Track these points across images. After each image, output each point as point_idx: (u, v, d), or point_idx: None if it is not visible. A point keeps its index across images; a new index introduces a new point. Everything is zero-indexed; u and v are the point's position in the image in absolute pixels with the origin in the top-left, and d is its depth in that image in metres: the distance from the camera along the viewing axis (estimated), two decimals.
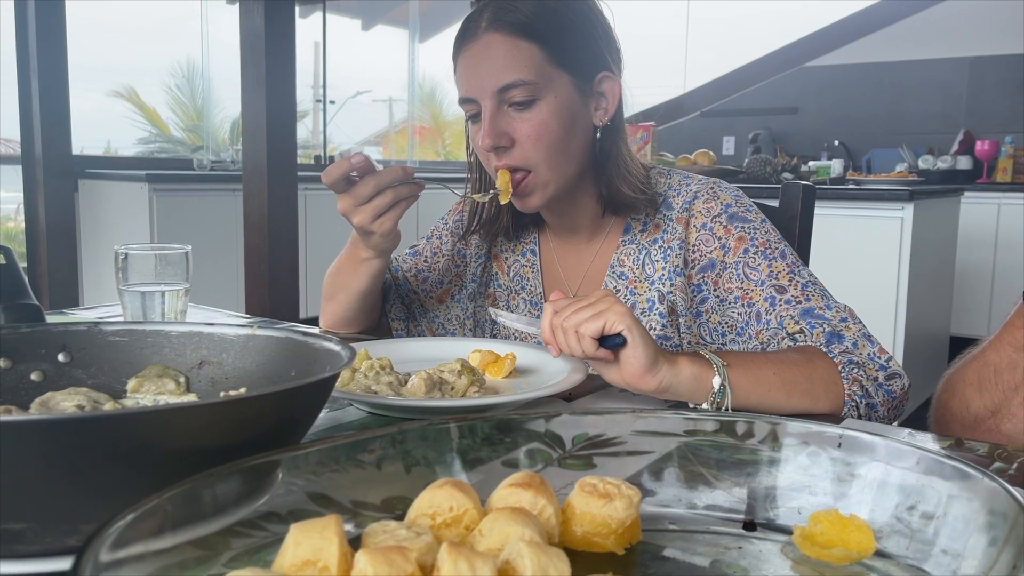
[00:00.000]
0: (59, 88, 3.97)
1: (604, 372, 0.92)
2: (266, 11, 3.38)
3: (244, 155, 3.58)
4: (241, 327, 0.77)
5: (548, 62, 1.10)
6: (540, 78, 1.10)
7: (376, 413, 0.90)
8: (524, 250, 1.32)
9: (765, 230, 1.15)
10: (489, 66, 1.10)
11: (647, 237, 1.20)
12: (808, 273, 1.12)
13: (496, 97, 1.10)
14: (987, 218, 4.86)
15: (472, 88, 1.12)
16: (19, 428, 0.47)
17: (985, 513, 0.47)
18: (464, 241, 1.37)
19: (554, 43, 1.11)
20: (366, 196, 1.11)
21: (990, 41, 5.48)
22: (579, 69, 1.13)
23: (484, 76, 1.10)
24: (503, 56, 1.09)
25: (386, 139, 7.70)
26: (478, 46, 1.11)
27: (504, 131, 1.11)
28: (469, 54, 1.12)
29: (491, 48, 1.10)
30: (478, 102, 1.12)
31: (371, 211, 1.12)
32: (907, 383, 1.03)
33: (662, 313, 1.17)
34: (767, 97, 6.33)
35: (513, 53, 1.09)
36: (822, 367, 0.99)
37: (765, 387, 0.94)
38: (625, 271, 1.21)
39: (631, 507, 0.52)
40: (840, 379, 0.98)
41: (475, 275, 1.36)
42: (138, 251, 1.13)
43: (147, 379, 0.74)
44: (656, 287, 1.18)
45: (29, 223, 4.11)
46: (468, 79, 1.13)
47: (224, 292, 4.10)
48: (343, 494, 0.52)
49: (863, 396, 0.98)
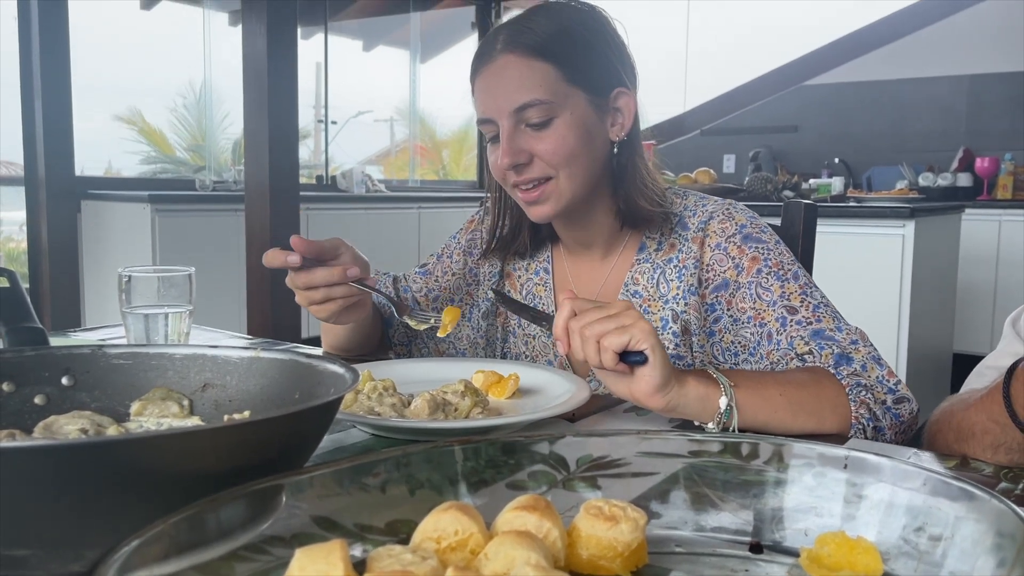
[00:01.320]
0: (62, 109, 3.99)
1: (612, 383, 0.91)
2: (268, 33, 3.41)
3: (246, 175, 3.60)
4: (245, 349, 0.77)
5: (563, 80, 1.12)
6: (556, 96, 1.11)
7: (379, 435, 0.90)
8: (537, 268, 1.33)
9: (779, 251, 1.16)
10: (505, 87, 1.12)
11: (662, 256, 1.21)
12: (820, 295, 1.12)
13: (513, 117, 1.12)
14: (988, 235, 4.86)
15: (489, 109, 1.14)
16: (23, 454, 0.47)
17: (993, 534, 0.46)
18: (477, 259, 1.38)
19: (568, 62, 1.12)
20: (301, 286, 1.15)
21: (989, 59, 5.50)
22: (594, 86, 1.15)
23: (500, 97, 1.12)
24: (518, 77, 1.11)
25: (387, 159, 7.72)
26: (494, 67, 1.13)
27: (522, 148, 1.12)
28: (485, 75, 1.14)
29: (507, 69, 1.12)
30: (496, 123, 1.13)
31: (305, 300, 1.16)
32: (915, 407, 1.02)
33: (675, 332, 1.18)
34: (767, 115, 6.35)
35: (528, 73, 1.11)
36: (829, 388, 0.98)
37: (771, 407, 0.94)
38: (639, 289, 1.22)
39: (637, 530, 0.52)
40: (847, 401, 0.98)
41: (488, 293, 1.36)
42: (141, 274, 1.13)
43: (151, 402, 0.74)
44: (670, 306, 1.19)
45: (32, 244, 4.12)
46: (485, 100, 1.14)
47: (226, 312, 4.10)
48: (347, 518, 0.52)
49: (870, 419, 0.97)
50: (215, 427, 0.53)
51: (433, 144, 8.02)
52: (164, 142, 6.41)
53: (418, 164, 7.09)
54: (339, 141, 6.25)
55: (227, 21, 5.63)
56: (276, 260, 1.13)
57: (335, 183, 5.58)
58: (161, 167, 6.49)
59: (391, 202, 5.41)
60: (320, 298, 1.15)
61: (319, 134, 6.19)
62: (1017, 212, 4.88)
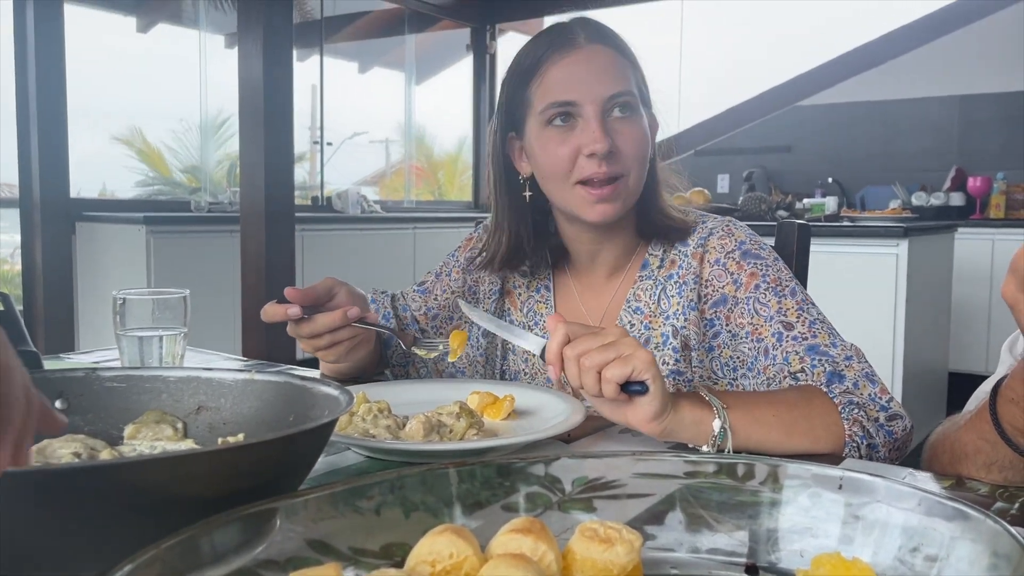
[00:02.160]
0: (58, 132, 3.99)
1: (607, 411, 0.91)
2: (265, 55, 3.42)
3: (242, 197, 3.60)
4: (239, 372, 0.77)
5: (636, 85, 1.17)
6: (636, 96, 1.16)
7: (374, 457, 0.90)
8: (538, 286, 1.33)
9: (777, 268, 1.17)
10: (598, 74, 1.14)
11: (663, 272, 1.22)
12: (817, 311, 1.13)
13: (604, 104, 1.13)
14: (981, 254, 4.88)
15: (576, 92, 1.14)
16: (15, 479, 0.47)
17: (989, 555, 0.46)
18: (475, 278, 1.37)
19: (637, 70, 1.19)
20: (304, 336, 1.17)
21: (981, 79, 5.55)
22: (645, 99, 1.21)
23: (593, 83, 1.13)
24: (611, 68, 1.15)
25: (382, 180, 7.74)
26: (583, 54, 1.15)
27: (610, 137, 1.13)
28: (571, 61, 1.15)
29: (598, 58, 1.15)
30: (578, 107, 1.13)
31: (311, 348, 1.19)
32: (909, 424, 1.02)
33: (675, 348, 1.18)
34: (761, 136, 6.38)
35: (619, 67, 1.16)
36: (821, 407, 0.99)
37: (765, 429, 0.94)
38: (641, 306, 1.23)
39: (632, 552, 0.51)
40: (840, 420, 0.98)
41: (488, 311, 1.36)
42: (136, 296, 1.13)
43: (144, 425, 0.74)
44: (671, 322, 1.19)
45: (26, 266, 4.11)
46: (570, 84, 1.14)
47: (221, 334, 4.09)
48: (342, 541, 0.52)
49: (864, 437, 0.98)
50: (209, 451, 0.52)
51: (429, 165, 8.05)
52: (161, 162, 6.42)
53: (413, 185, 7.11)
54: (334, 162, 6.26)
55: (223, 43, 5.66)
56: (276, 315, 1.15)
57: (330, 204, 5.58)
58: (156, 189, 6.50)
59: (386, 223, 5.41)
60: (325, 344, 1.17)
61: (315, 155, 6.21)
62: (1010, 231, 4.90)
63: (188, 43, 5.41)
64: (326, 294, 1.19)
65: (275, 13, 3.47)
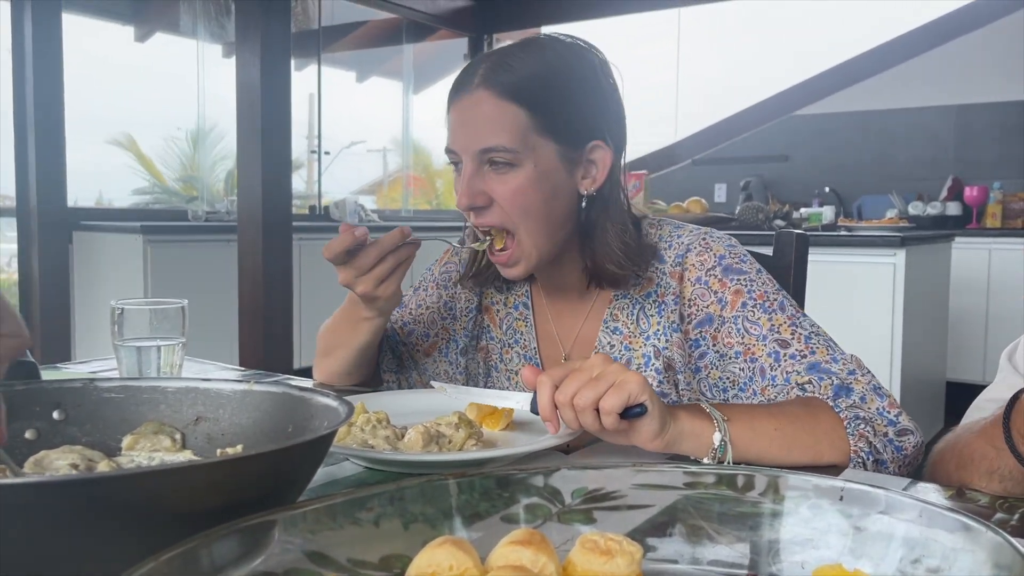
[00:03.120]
0: (55, 141, 4.00)
1: (609, 437, 0.90)
2: (262, 64, 3.43)
3: (239, 206, 3.60)
4: (237, 382, 0.77)
5: (532, 130, 1.08)
6: (521, 146, 1.08)
7: (373, 468, 0.89)
8: (516, 303, 1.30)
9: (761, 281, 1.13)
10: (474, 125, 1.09)
11: (640, 291, 1.19)
12: (810, 323, 1.10)
13: (477, 158, 1.09)
14: (978, 263, 4.89)
15: (456, 143, 1.12)
16: (11, 491, 0.46)
17: (990, 566, 0.46)
18: (451, 293, 1.35)
19: (542, 109, 1.09)
20: (368, 266, 1.10)
21: (977, 89, 5.57)
22: (567, 137, 1.11)
23: (468, 135, 1.10)
24: (488, 117, 1.08)
25: (380, 189, 7.74)
26: (468, 101, 1.10)
27: (481, 190, 1.10)
28: (459, 107, 1.12)
29: (479, 106, 1.09)
30: (457, 155, 1.12)
31: (374, 279, 1.11)
32: (920, 439, 1.00)
33: (658, 369, 1.16)
34: (758, 145, 6.40)
35: (498, 115, 1.08)
36: (826, 422, 0.97)
37: (766, 441, 0.93)
38: (619, 326, 1.19)
39: (633, 563, 0.51)
40: (846, 435, 0.97)
41: (467, 329, 1.33)
42: (134, 306, 1.12)
43: (143, 436, 0.73)
44: (651, 342, 1.16)
45: (23, 276, 4.11)
46: (454, 133, 1.12)
47: (218, 342, 4.09)
48: (341, 552, 0.52)
49: (870, 452, 0.96)
50: (207, 462, 0.52)
51: (427, 174, 8.06)
52: (157, 170, 6.42)
53: (411, 194, 7.11)
54: (332, 171, 6.27)
55: (221, 53, 5.67)
56: (345, 241, 1.08)
57: (328, 213, 5.59)
58: (153, 198, 6.49)
59: (384, 232, 5.40)
60: (390, 267, 1.11)
61: (312, 164, 6.21)
62: (1007, 240, 4.91)
63: (186, 52, 5.42)
64: (363, 238, 1.12)
65: (273, 22, 3.48)
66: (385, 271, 1.11)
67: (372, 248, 1.10)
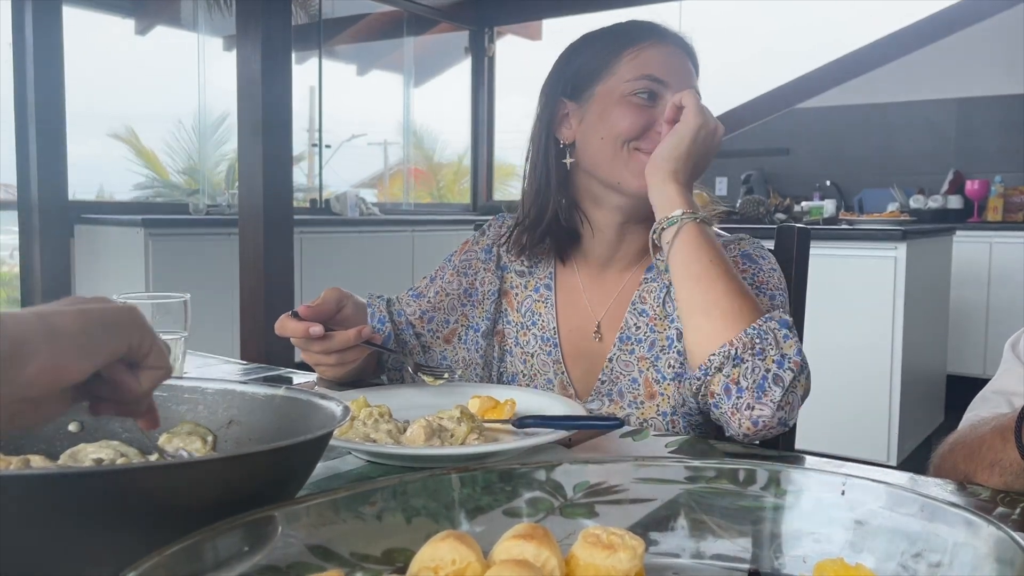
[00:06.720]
0: (56, 135, 4.00)
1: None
2: (263, 57, 3.42)
3: (240, 199, 3.60)
4: (271, 387, 0.78)
5: None
6: None
7: (375, 462, 0.90)
8: (538, 285, 1.33)
9: (768, 272, 1.20)
10: (687, 73, 1.24)
11: (668, 277, 1.22)
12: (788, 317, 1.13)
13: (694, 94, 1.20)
14: (979, 256, 4.89)
15: (672, 78, 1.21)
16: (7, 483, 0.47)
17: (992, 561, 0.46)
18: (471, 280, 1.37)
19: None
20: (316, 352, 1.16)
21: (978, 82, 5.56)
22: None
23: (685, 76, 1.23)
24: (691, 72, 1.25)
25: (381, 182, 7.74)
26: (679, 52, 1.24)
27: None
28: (669, 51, 1.23)
29: (686, 63, 1.25)
30: (668, 88, 1.20)
31: (313, 361, 1.18)
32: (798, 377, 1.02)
33: (680, 351, 1.20)
34: (759, 138, 6.39)
35: (693, 75, 1.26)
36: (746, 312, 1.04)
37: (699, 266, 1.07)
38: (646, 308, 1.25)
39: (635, 558, 0.51)
40: (742, 331, 1.02)
41: (488, 312, 1.35)
42: (136, 300, 1.12)
43: (177, 435, 0.74)
44: (675, 324, 1.21)
45: (24, 269, 4.11)
46: (668, 68, 1.22)
47: (220, 336, 4.09)
48: (344, 547, 0.52)
49: (739, 359, 1.02)
50: (201, 460, 0.53)
51: (428, 167, 8.05)
52: (158, 163, 6.41)
53: (412, 187, 7.11)
54: (333, 165, 6.26)
55: (221, 46, 5.66)
56: (297, 331, 1.13)
57: (329, 207, 5.58)
58: (155, 191, 6.49)
59: (385, 225, 5.41)
60: (334, 362, 1.16)
61: (313, 158, 6.21)
62: (1008, 234, 4.91)
63: (186, 46, 5.41)
64: (336, 307, 1.20)
65: (274, 15, 3.47)
66: (330, 361, 1.17)
67: (323, 342, 1.14)
